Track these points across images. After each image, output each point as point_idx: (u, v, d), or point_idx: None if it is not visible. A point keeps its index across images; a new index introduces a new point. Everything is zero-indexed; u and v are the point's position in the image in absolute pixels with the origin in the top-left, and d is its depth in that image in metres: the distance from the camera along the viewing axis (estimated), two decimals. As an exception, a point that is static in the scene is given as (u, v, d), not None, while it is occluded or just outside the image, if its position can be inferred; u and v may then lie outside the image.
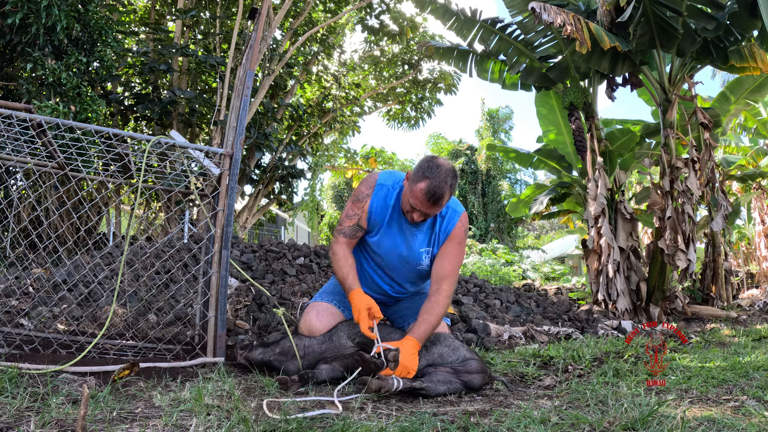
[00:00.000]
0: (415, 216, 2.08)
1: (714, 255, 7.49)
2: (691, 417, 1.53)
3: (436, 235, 2.22)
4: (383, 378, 1.86)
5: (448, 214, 2.23)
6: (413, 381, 1.91)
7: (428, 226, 2.22)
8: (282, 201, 10.72)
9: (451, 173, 2.03)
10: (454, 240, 2.21)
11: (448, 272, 2.18)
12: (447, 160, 2.10)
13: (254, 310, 3.31)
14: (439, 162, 2.05)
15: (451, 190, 2.03)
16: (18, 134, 2.33)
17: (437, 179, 1.98)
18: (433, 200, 1.99)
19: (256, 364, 2.17)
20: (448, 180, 2.00)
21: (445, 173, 2.01)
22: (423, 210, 2.04)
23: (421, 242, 2.22)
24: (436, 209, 2.04)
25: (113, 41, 5.90)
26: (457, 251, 2.21)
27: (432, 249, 2.24)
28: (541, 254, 21.37)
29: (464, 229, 2.24)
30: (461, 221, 2.23)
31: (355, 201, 2.23)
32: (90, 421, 1.34)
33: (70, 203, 2.50)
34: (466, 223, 2.26)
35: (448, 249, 2.21)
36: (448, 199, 2.05)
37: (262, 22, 2.56)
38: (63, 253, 4.63)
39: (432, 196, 1.98)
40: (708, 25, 5.15)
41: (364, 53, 11.72)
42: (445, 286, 2.15)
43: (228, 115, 2.62)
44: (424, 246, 2.23)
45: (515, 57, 6.48)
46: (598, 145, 6.03)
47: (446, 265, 2.19)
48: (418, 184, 2.00)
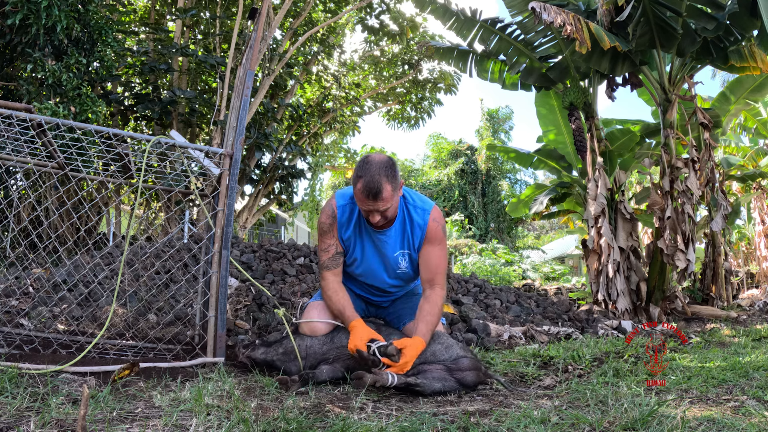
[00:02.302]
0: (372, 218, 2.06)
1: (714, 255, 7.49)
2: (691, 417, 1.53)
3: (408, 235, 2.20)
4: (378, 373, 1.88)
5: (416, 213, 2.20)
6: (407, 377, 1.92)
7: (398, 229, 2.20)
8: (282, 201, 10.73)
9: (384, 164, 2.02)
10: (433, 242, 2.19)
11: (436, 275, 2.19)
12: (380, 154, 2.09)
13: (254, 310, 3.31)
14: (371, 158, 2.06)
15: (390, 180, 2.00)
16: (18, 134, 2.33)
17: (369, 174, 1.98)
18: (372, 195, 1.98)
19: (258, 364, 2.17)
20: (381, 171, 1.99)
21: (377, 166, 2.00)
22: (370, 208, 2.02)
23: (394, 246, 2.21)
24: (382, 203, 2.00)
25: (113, 41, 5.90)
26: (439, 250, 2.20)
27: (408, 251, 2.22)
28: (541, 254, 21.38)
29: (439, 227, 2.20)
30: (433, 218, 2.19)
31: (322, 234, 2.24)
32: (90, 421, 1.34)
33: (70, 203, 2.50)
34: (439, 218, 2.21)
35: (430, 251, 2.19)
36: (390, 190, 2.00)
37: (262, 22, 2.56)
38: (63, 253, 4.63)
39: (370, 191, 1.98)
40: (708, 25, 5.15)
41: (364, 53, 11.73)
42: (438, 286, 2.18)
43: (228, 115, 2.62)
44: (398, 249, 2.21)
45: (515, 57, 6.48)
46: (598, 145, 6.03)
47: (432, 266, 2.19)
48: (356, 186, 2.01)
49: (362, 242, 2.25)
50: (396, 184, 2.04)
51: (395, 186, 2.03)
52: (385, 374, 1.88)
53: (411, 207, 2.21)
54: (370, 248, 2.24)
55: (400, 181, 2.08)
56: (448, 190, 23.78)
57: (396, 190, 2.05)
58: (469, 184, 23.63)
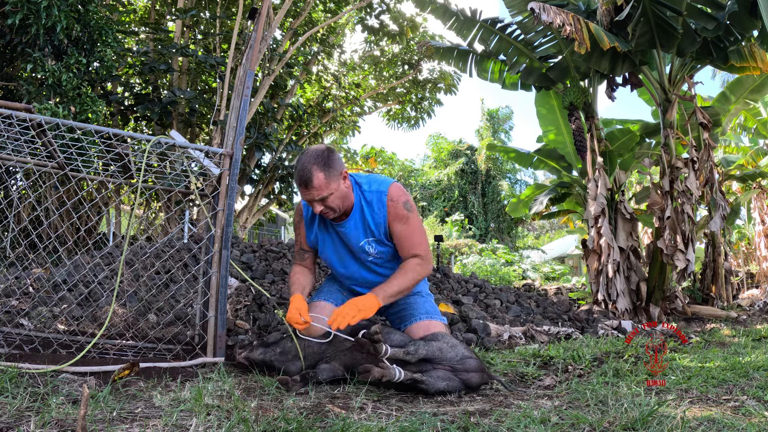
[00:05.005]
0: (315, 209, 2.05)
1: (714, 255, 7.49)
2: (691, 417, 1.53)
3: (369, 222, 2.17)
4: (385, 366, 1.87)
5: (372, 196, 2.16)
6: (414, 372, 1.92)
7: (357, 219, 2.18)
8: (282, 201, 10.73)
9: (317, 153, 2.02)
10: (398, 220, 2.14)
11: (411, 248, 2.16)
12: (319, 145, 2.10)
13: (254, 310, 3.31)
14: (307, 149, 2.09)
15: (323, 168, 1.99)
16: (18, 134, 2.33)
17: (301, 163, 2.02)
18: (305, 184, 1.99)
19: (256, 364, 2.16)
20: (312, 160, 1.99)
21: (310, 155, 2.02)
22: (307, 198, 2.03)
23: (357, 237, 2.19)
24: (316, 191, 1.99)
25: (113, 41, 5.90)
26: (406, 227, 2.15)
27: (376, 237, 2.19)
28: (541, 254, 21.38)
29: (399, 204, 2.14)
30: (391, 198, 2.13)
31: (294, 230, 2.35)
32: (90, 421, 1.34)
33: (70, 203, 2.50)
34: (396, 196, 2.14)
35: (397, 230, 2.16)
36: (323, 178, 1.98)
37: (262, 22, 2.56)
38: (63, 253, 4.63)
39: (301, 179, 2.00)
40: (708, 25, 5.15)
41: (364, 53, 11.73)
42: (414, 259, 2.15)
43: (228, 115, 2.62)
44: (361, 239, 2.19)
45: (515, 57, 6.48)
46: (598, 145, 6.03)
47: (406, 245, 2.16)
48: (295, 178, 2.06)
49: (330, 237, 2.27)
50: (331, 172, 2.01)
51: (330, 174, 2.00)
52: (393, 369, 1.88)
53: (367, 193, 2.17)
54: (337, 242, 2.26)
55: (340, 170, 2.05)
56: (448, 190, 23.79)
57: (331, 179, 2.01)
58: (469, 184, 23.64)
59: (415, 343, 2.02)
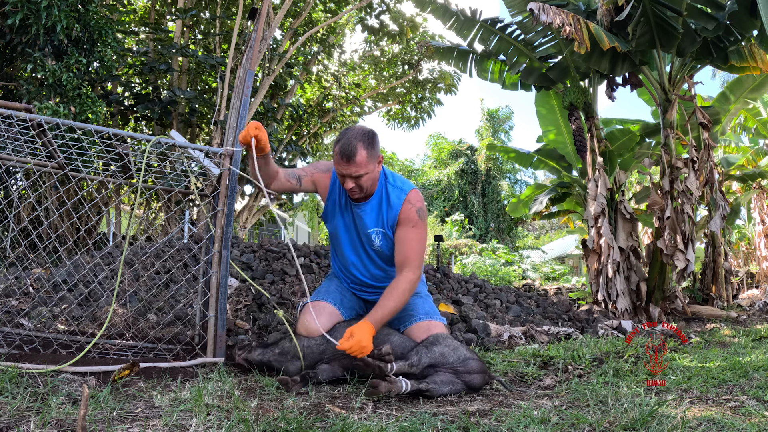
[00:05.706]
0: (346, 184, 2.10)
1: (714, 255, 7.49)
2: (691, 417, 1.53)
3: (383, 214, 2.21)
4: (393, 381, 1.87)
5: (393, 192, 2.20)
6: (419, 383, 1.92)
7: (374, 206, 2.22)
8: (282, 201, 10.72)
9: (362, 131, 2.10)
10: (405, 223, 2.18)
11: (407, 258, 2.16)
12: (363, 125, 2.17)
13: (254, 310, 3.31)
14: (353, 126, 2.15)
15: (367, 147, 2.06)
16: (18, 134, 2.33)
17: (347, 137, 2.07)
18: (347, 157, 2.04)
19: (255, 365, 2.16)
20: (358, 136, 2.07)
21: (355, 132, 2.09)
22: (344, 171, 2.07)
23: (369, 223, 2.23)
24: (355, 167, 2.05)
25: (113, 41, 5.89)
26: (412, 233, 2.17)
27: (383, 230, 2.23)
28: (541, 254, 21.37)
29: (416, 210, 2.17)
30: (409, 200, 2.18)
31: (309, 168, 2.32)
32: (90, 421, 1.34)
33: (70, 203, 2.50)
34: (415, 201, 2.18)
35: (402, 233, 2.18)
36: (366, 156, 2.05)
37: (262, 22, 2.56)
38: (63, 253, 4.63)
39: (344, 153, 2.04)
40: (708, 25, 5.15)
41: (364, 53, 11.72)
42: (407, 272, 2.14)
43: (228, 115, 2.62)
44: (372, 226, 2.23)
45: (515, 57, 6.48)
46: (598, 145, 6.03)
47: (404, 249, 2.17)
48: (335, 149, 2.08)
49: (346, 216, 2.30)
50: (372, 153, 2.09)
51: (371, 155, 2.09)
52: (399, 381, 1.88)
53: (390, 186, 2.23)
54: (349, 223, 2.29)
55: (379, 155, 2.13)
56: (448, 190, 23.79)
57: (371, 159, 2.09)
58: (469, 184, 23.64)
59: (417, 352, 2.02)
